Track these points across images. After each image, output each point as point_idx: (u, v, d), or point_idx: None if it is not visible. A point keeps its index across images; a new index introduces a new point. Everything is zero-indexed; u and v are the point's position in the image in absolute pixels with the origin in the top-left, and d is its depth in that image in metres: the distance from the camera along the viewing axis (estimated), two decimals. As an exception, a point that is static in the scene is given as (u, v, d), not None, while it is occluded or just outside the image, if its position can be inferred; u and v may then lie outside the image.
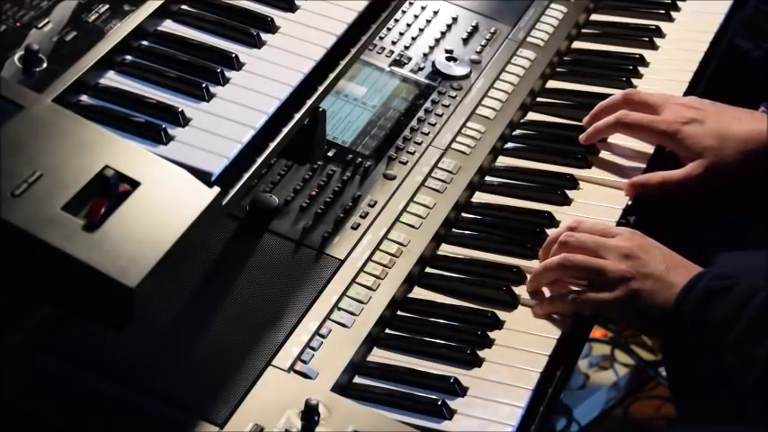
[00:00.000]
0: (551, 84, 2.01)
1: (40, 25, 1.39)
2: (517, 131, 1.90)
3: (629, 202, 1.77)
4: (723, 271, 1.51)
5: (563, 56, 2.07)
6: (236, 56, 1.45)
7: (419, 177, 1.73)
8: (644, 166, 1.84)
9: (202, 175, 1.29)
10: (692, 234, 2.15)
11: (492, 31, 2.02)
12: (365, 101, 1.84)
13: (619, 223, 1.73)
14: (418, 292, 1.61)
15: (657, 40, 2.10)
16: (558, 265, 1.57)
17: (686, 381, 1.52)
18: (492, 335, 1.55)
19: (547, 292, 1.60)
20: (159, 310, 1.44)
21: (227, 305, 1.49)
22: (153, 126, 1.34)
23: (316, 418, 1.35)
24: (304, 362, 1.45)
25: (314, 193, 1.65)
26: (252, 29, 1.49)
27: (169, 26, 1.48)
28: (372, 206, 1.66)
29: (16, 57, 1.33)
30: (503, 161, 1.85)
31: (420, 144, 1.79)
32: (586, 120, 1.87)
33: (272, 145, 1.41)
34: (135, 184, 1.25)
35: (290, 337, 1.47)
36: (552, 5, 2.12)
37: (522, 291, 1.61)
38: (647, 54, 2.06)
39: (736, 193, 1.79)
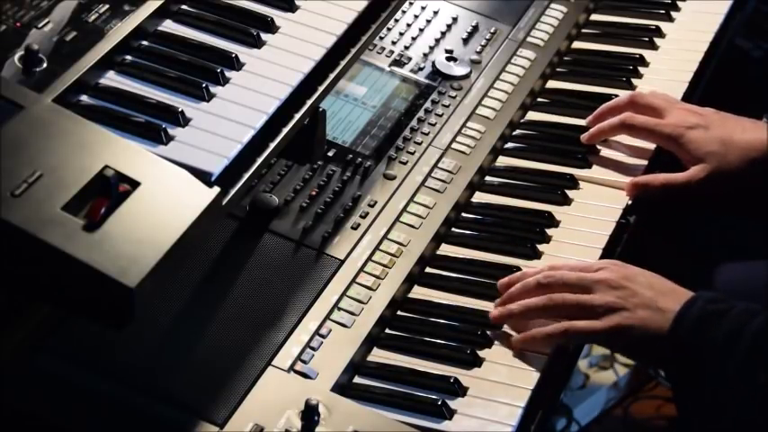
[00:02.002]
0: (551, 84, 2.01)
1: (40, 25, 1.39)
2: (517, 131, 1.90)
3: (629, 202, 1.77)
4: (715, 294, 1.48)
5: (563, 56, 2.07)
6: (236, 56, 1.45)
7: (419, 177, 1.73)
8: (644, 166, 1.84)
9: (202, 175, 1.29)
10: (692, 235, 2.15)
11: (492, 31, 2.02)
12: (365, 101, 1.84)
13: (618, 223, 1.73)
14: (418, 292, 1.61)
15: (657, 40, 2.10)
16: (544, 307, 1.53)
17: (691, 406, 1.49)
18: (492, 335, 1.55)
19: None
20: (159, 310, 1.44)
21: (227, 305, 1.49)
22: (153, 126, 1.34)
23: (316, 418, 1.35)
24: (304, 362, 1.45)
25: (314, 193, 1.65)
26: (252, 29, 1.49)
27: (169, 26, 1.48)
28: (372, 206, 1.66)
29: (16, 57, 1.33)
30: (503, 161, 1.85)
31: (420, 144, 1.79)
32: (589, 120, 1.87)
33: (272, 145, 1.41)
34: (135, 184, 1.25)
35: (290, 337, 1.47)
36: (552, 5, 2.12)
37: (522, 291, 1.60)
38: (647, 54, 2.06)
39: (735, 195, 1.79)
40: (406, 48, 1.95)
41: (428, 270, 1.65)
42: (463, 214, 1.74)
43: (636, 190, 1.77)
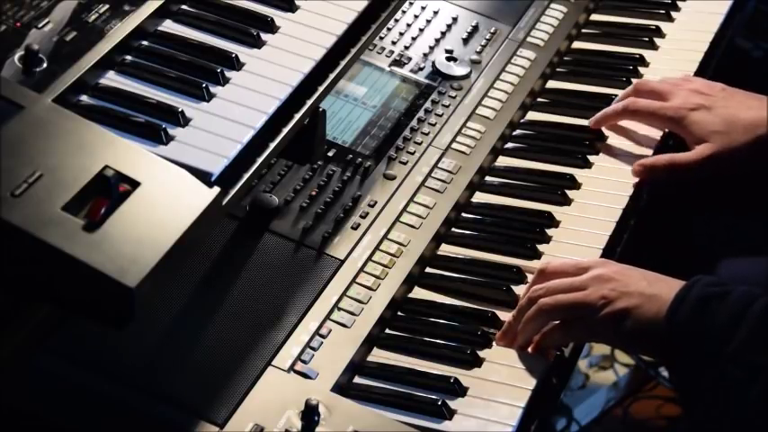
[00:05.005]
0: (551, 84, 2.01)
1: (40, 25, 1.39)
2: (517, 131, 1.90)
3: (629, 203, 1.77)
4: (714, 278, 1.47)
5: (563, 56, 2.07)
6: (236, 56, 1.45)
7: (419, 177, 1.73)
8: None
9: (202, 175, 1.29)
10: (693, 234, 2.15)
11: (492, 31, 2.02)
12: (365, 101, 1.84)
13: (619, 223, 1.73)
14: (418, 292, 1.61)
15: (657, 40, 2.10)
16: (538, 312, 1.51)
17: (691, 392, 1.48)
18: (492, 335, 1.55)
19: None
20: (159, 310, 1.44)
21: (227, 305, 1.49)
22: (153, 126, 1.34)
23: (316, 418, 1.35)
24: (304, 362, 1.45)
25: (314, 193, 1.65)
26: (252, 29, 1.49)
27: (169, 26, 1.48)
28: (372, 206, 1.66)
29: (16, 57, 1.34)
30: (503, 161, 1.85)
31: (420, 144, 1.79)
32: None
33: (272, 145, 1.41)
34: (135, 184, 1.25)
35: (290, 337, 1.47)
36: (552, 5, 2.12)
37: (522, 291, 1.60)
38: (647, 54, 2.07)
39: (738, 190, 1.79)
40: (406, 48, 1.95)
41: (428, 270, 1.65)
42: (463, 214, 1.74)
43: (643, 171, 1.78)
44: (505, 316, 1.57)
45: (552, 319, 1.52)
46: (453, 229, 1.71)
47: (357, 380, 1.48)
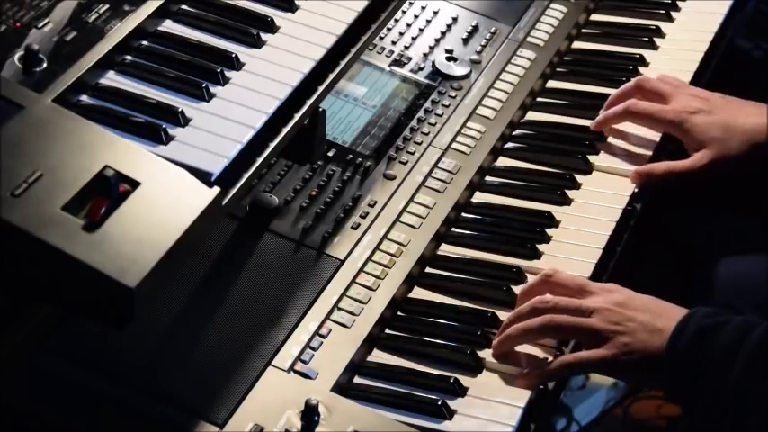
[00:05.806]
0: (551, 84, 2.01)
1: (40, 25, 1.39)
2: (517, 131, 1.90)
3: (628, 204, 1.77)
4: (711, 308, 1.47)
5: (563, 56, 2.07)
6: (236, 56, 1.45)
7: (419, 177, 1.73)
8: (645, 164, 1.84)
9: (202, 175, 1.29)
10: (692, 234, 2.15)
11: (492, 31, 2.02)
12: (365, 101, 1.84)
13: (619, 224, 1.73)
14: (418, 292, 1.61)
15: (657, 40, 2.10)
16: (542, 328, 1.50)
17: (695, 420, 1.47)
18: (492, 335, 1.55)
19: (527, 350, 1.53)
20: (159, 310, 1.44)
21: (227, 305, 1.49)
22: (153, 126, 1.34)
23: (316, 418, 1.35)
24: (304, 362, 1.45)
25: (314, 193, 1.65)
26: (252, 29, 1.49)
27: (169, 26, 1.48)
28: (372, 206, 1.66)
29: (16, 57, 1.34)
30: (503, 161, 1.85)
31: (420, 144, 1.79)
32: (601, 112, 1.88)
33: (272, 145, 1.41)
34: (135, 184, 1.25)
35: (290, 337, 1.47)
36: (552, 5, 2.12)
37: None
38: (647, 54, 2.07)
39: (736, 191, 1.80)
40: (406, 48, 1.95)
41: (428, 270, 1.65)
42: (463, 214, 1.74)
43: (640, 178, 1.78)
44: (505, 316, 1.57)
45: (552, 337, 1.51)
46: (453, 229, 1.71)
47: (357, 380, 1.48)
